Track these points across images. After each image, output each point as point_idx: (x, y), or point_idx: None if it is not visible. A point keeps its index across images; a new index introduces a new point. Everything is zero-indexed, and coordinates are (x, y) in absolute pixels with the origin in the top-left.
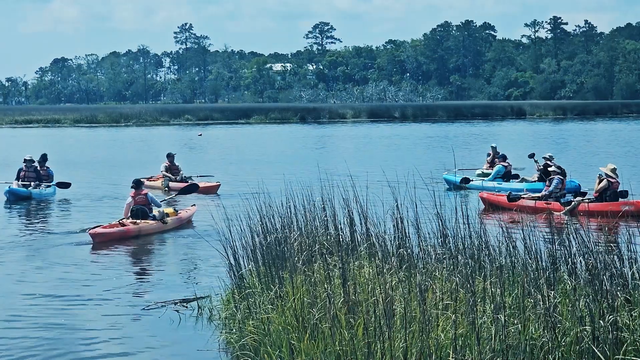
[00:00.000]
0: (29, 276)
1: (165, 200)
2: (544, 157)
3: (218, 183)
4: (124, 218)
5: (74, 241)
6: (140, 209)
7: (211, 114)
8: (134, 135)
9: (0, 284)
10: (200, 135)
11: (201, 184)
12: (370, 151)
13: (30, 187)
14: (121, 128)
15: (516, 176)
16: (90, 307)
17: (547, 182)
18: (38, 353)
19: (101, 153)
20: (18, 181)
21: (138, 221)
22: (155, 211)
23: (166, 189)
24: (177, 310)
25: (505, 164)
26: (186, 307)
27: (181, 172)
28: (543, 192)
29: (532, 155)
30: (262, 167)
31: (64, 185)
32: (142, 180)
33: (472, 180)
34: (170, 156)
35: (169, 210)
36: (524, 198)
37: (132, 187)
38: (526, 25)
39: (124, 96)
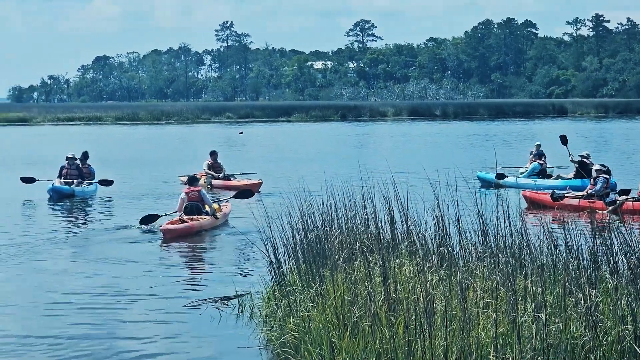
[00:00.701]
0: (74, 273)
1: (219, 201)
2: (581, 155)
3: (260, 181)
4: (176, 213)
5: (118, 238)
6: (195, 206)
7: (252, 111)
8: (175, 132)
9: (45, 280)
10: (241, 133)
11: (243, 182)
12: (411, 149)
13: (73, 185)
14: (162, 126)
15: (550, 175)
16: (132, 304)
17: (591, 181)
18: (80, 348)
19: (142, 151)
20: (60, 179)
21: (194, 217)
22: (207, 207)
23: (208, 186)
24: (218, 308)
25: (541, 162)
26: (227, 304)
27: (224, 170)
28: (587, 191)
29: (564, 141)
30: (302, 164)
31: (107, 182)
32: (197, 176)
33: (507, 177)
34: (213, 154)
35: (215, 206)
36: (567, 197)
37: (185, 184)
38: (568, 23)
39: (165, 94)
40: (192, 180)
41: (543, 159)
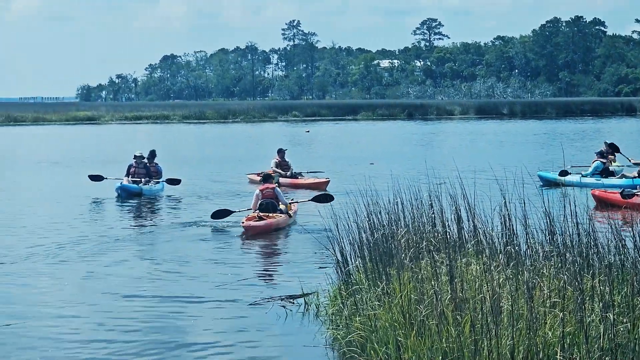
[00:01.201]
0: (141, 270)
1: (297, 202)
2: None
3: (327, 179)
4: (250, 209)
5: (185, 237)
6: (270, 203)
7: (318, 110)
8: (242, 131)
9: (113, 278)
10: (308, 131)
11: (310, 180)
12: (477, 148)
13: (141, 184)
14: (229, 124)
15: (613, 173)
16: (197, 302)
17: None
18: (146, 343)
19: (209, 149)
20: (128, 178)
21: (269, 214)
22: (281, 205)
23: (276, 184)
24: (284, 306)
25: (604, 160)
26: (293, 303)
27: (291, 168)
28: None
29: (615, 149)
30: (368, 163)
31: (174, 181)
32: (272, 174)
33: (570, 173)
34: (280, 152)
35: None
36: (637, 195)
37: (261, 181)
38: (637, 21)
39: (232, 92)
40: (267, 178)
41: (608, 157)
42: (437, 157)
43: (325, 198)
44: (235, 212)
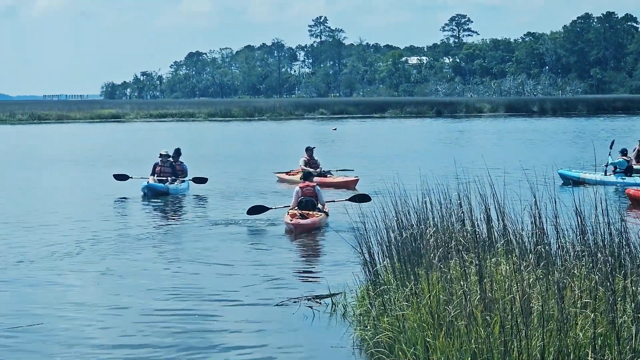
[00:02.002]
0: (168, 270)
1: (334, 201)
2: None
3: (356, 178)
4: (287, 207)
5: (213, 236)
6: (310, 201)
7: (346, 107)
8: (268, 129)
9: (140, 278)
10: (335, 129)
11: (339, 179)
12: (507, 146)
13: (167, 183)
14: (255, 122)
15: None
16: (224, 302)
17: None
18: (170, 345)
19: (235, 147)
20: (154, 176)
21: (310, 212)
22: (319, 204)
23: (316, 183)
24: (311, 307)
25: (628, 158)
26: (320, 303)
27: (320, 167)
28: None
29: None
30: (397, 161)
31: (201, 180)
32: (312, 172)
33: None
34: (309, 150)
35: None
36: None
37: (301, 179)
38: None
39: (258, 90)
40: (308, 176)
41: (629, 155)
42: (466, 156)
43: (362, 198)
44: (271, 208)
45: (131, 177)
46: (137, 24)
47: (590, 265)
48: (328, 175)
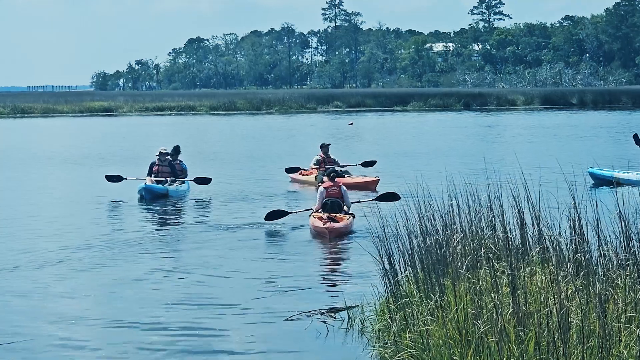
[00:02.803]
0: (170, 280)
1: (360, 201)
2: None
3: (377, 178)
4: (309, 209)
5: (218, 244)
6: (336, 202)
7: (363, 100)
8: (277, 123)
9: (141, 288)
10: (351, 124)
11: (358, 179)
12: (543, 142)
13: (166, 184)
14: (262, 116)
15: None
16: (229, 316)
17: None
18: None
19: (241, 144)
20: (151, 177)
21: (336, 215)
22: (345, 207)
23: (319, 184)
24: (324, 321)
25: None
26: (334, 317)
27: (337, 164)
28: None
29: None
30: (420, 160)
31: (204, 180)
32: (338, 171)
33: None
34: (324, 147)
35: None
36: None
37: (326, 178)
38: None
39: (265, 80)
40: (334, 175)
41: None
42: (497, 153)
43: (391, 197)
44: (292, 213)
45: (125, 179)
46: (131, 7)
47: (636, 275)
48: (346, 176)
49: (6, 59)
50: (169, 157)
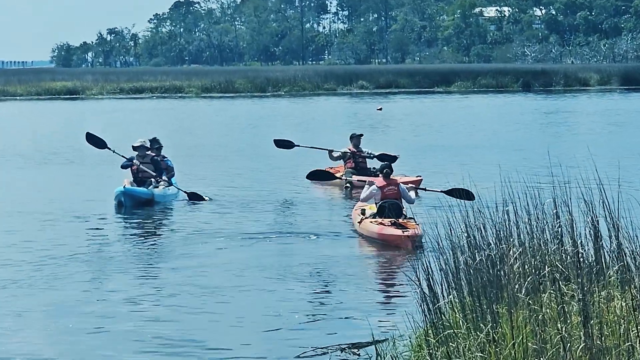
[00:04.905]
0: (156, 308)
1: (427, 191)
2: None
3: (419, 177)
4: (347, 184)
5: (218, 259)
6: (395, 205)
7: (395, 79)
8: (287, 109)
9: (117, 316)
10: (380, 109)
11: (398, 179)
12: (624, 133)
13: (151, 186)
14: (268, 99)
15: None
16: (228, 353)
17: None
18: None
19: (241, 135)
20: (131, 179)
21: (398, 220)
22: (404, 210)
23: (347, 186)
24: (346, 359)
25: None
26: (358, 354)
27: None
28: None
29: None
30: (468, 155)
31: (199, 198)
32: (390, 167)
33: None
34: (354, 138)
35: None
36: None
37: (380, 174)
38: None
39: (272, 54)
40: (388, 171)
41: None
42: (565, 146)
43: (464, 195)
44: (338, 179)
45: (110, 149)
46: None
47: None
48: (380, 174)
49: None
50: (149, 151)
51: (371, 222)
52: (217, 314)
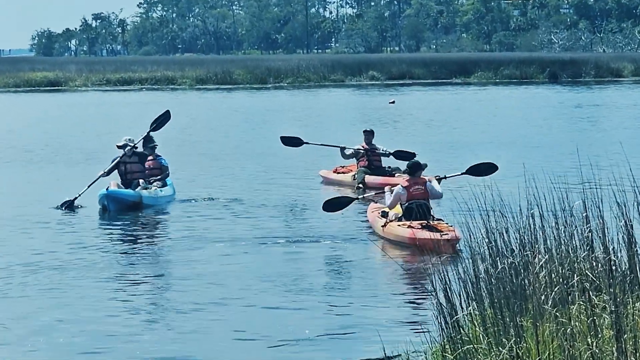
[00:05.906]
0: (150, 325)
1: (447, 178)
2: None
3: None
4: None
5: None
6: (424, 205)
7: (409, 69)
8: (290, 102)
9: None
10: (393, 102)
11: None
12: None
13: (139, 188)
14: (269, 91)
15: None
16: None
17: None
18: None
19: (241, 131)
20: (117, 181)
21: (428, 222)
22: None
23: (360, 185)
24: None
25: None
26: None
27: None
28: None
29: None
30: (489, 152)
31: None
32: (421, 164)
33: None
34: (367, 134)
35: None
36: None
37: (407, 172)
38: None
39: (273, 42)
40: (416, 168)
41: None
42: (596, 143)
43: (487, 169)
44: (356, 199)
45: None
46: None
47: None
48: (396, 175)
49: None
50: (137, 148)
51: (399, 225)
52: (219, 327)
